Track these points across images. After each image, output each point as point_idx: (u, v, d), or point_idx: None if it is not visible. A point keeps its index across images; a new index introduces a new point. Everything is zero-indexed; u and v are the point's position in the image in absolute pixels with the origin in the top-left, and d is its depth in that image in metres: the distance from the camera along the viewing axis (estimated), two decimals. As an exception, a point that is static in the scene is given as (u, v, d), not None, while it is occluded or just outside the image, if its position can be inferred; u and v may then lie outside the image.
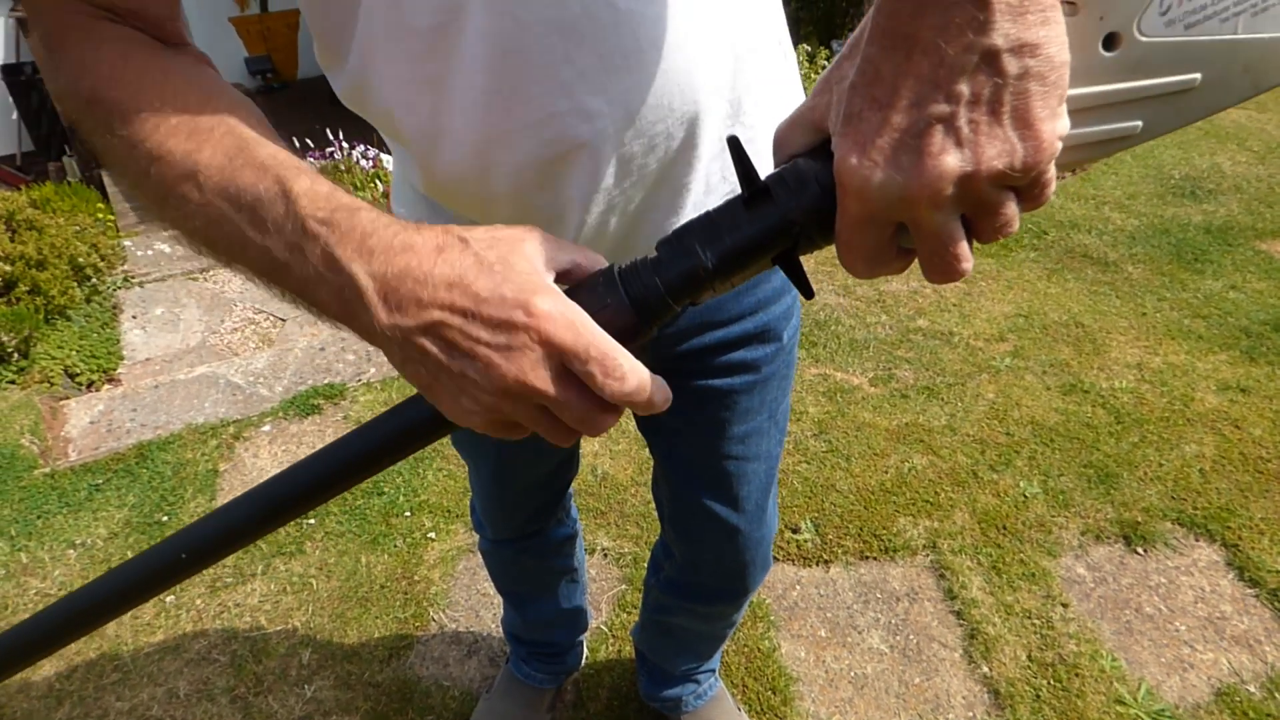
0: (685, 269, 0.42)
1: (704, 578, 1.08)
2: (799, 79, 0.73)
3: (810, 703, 1.49)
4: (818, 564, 1.77)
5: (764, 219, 0.41)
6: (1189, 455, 1.99)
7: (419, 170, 0.64)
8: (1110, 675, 1.50)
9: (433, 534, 1.89)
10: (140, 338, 2.90)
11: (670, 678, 1.35)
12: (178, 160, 0.46)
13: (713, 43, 0.59)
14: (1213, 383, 2.24)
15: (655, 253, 0.43)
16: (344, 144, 3.81)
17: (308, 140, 4.06)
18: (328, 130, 3.98)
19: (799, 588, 1.72)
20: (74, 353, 2.69)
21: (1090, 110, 0.37)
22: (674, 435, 0.92)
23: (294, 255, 0.43)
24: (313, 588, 1.76)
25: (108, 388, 2.60)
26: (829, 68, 0.39)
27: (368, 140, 3.84)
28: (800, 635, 1.62)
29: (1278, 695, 1.45)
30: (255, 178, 0.44)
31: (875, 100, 0.35)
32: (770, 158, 0.44)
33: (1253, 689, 1.46)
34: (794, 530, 1.84)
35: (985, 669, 1.53)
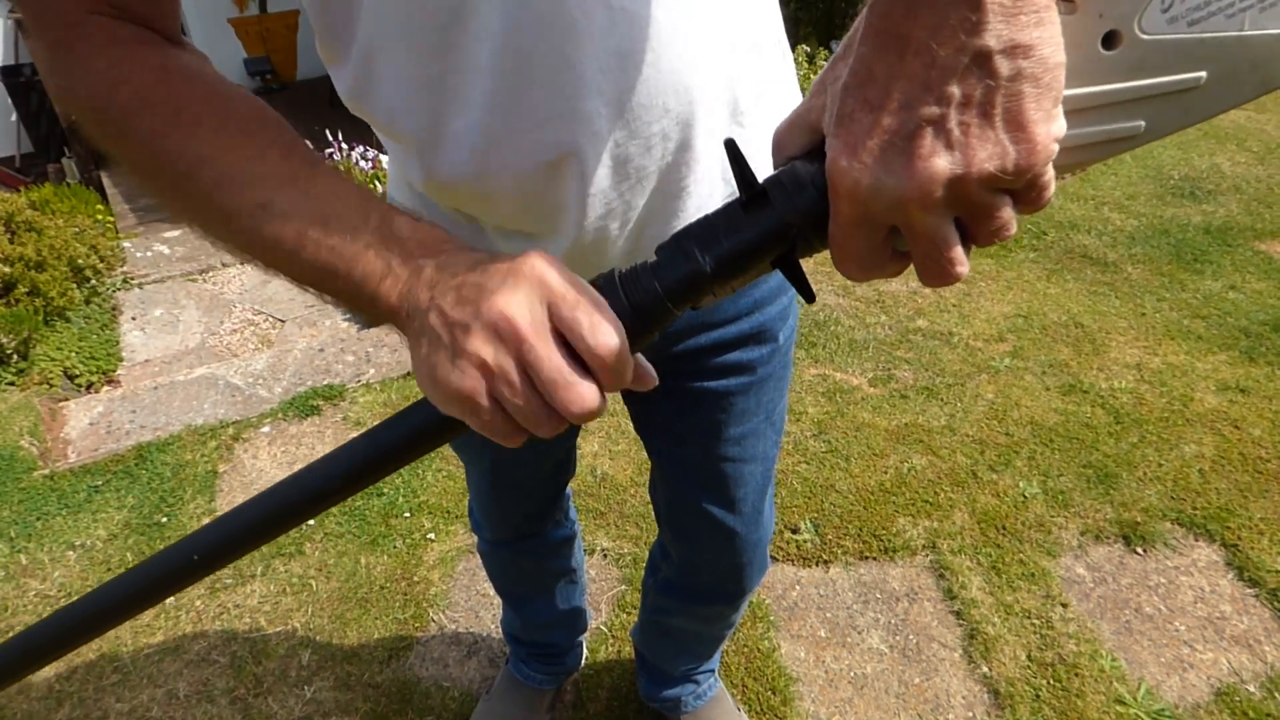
0: (684, 273, 0.42)
1: (701, 579, 1.08)
2: (796, 79, 0.73)
3: (810, 703, 1.49)
4: (817, 564, 1.77)
5: (761, 222, 0.41)
6: (1188, 455, 1.99)
7: (418, 169, 0.64)
8: (1110, 675, 1.50)
9: (432, 535, 1.89)
10: (139, 339, 2.90)
11: (670, 678, 1.35)
12: (200, 154, 0.48)
13: (710, 43, 0.59)
14: (1212, 383, 2.24)
15: (654, 257, 0.43)
16: (343, 145, 3.81)
17: (307, 142, 4.05)
18: (327, 131, 3.97)
19: (799, 588, 1.72)
20: (73, 354, 2.69)
21: (1090, 111, 0.36)
22: (670, 436, 0.92)
23: (360, 211, 0.47)
24: (312, 589, 1.76)
25: (107, 389, 2.60)
26: (824, 69, 0.39)
27: (367, 141, 3.84)
28: (800, 635, 1.62)
29: (1277, 695, 1.45)
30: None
31: (867, 101, 0.35)
32: (770, 160, 0.44)
33: (1252, 689, 1.46)
34: (793, 530, 1.84)
35: (985, 669, 1.53)
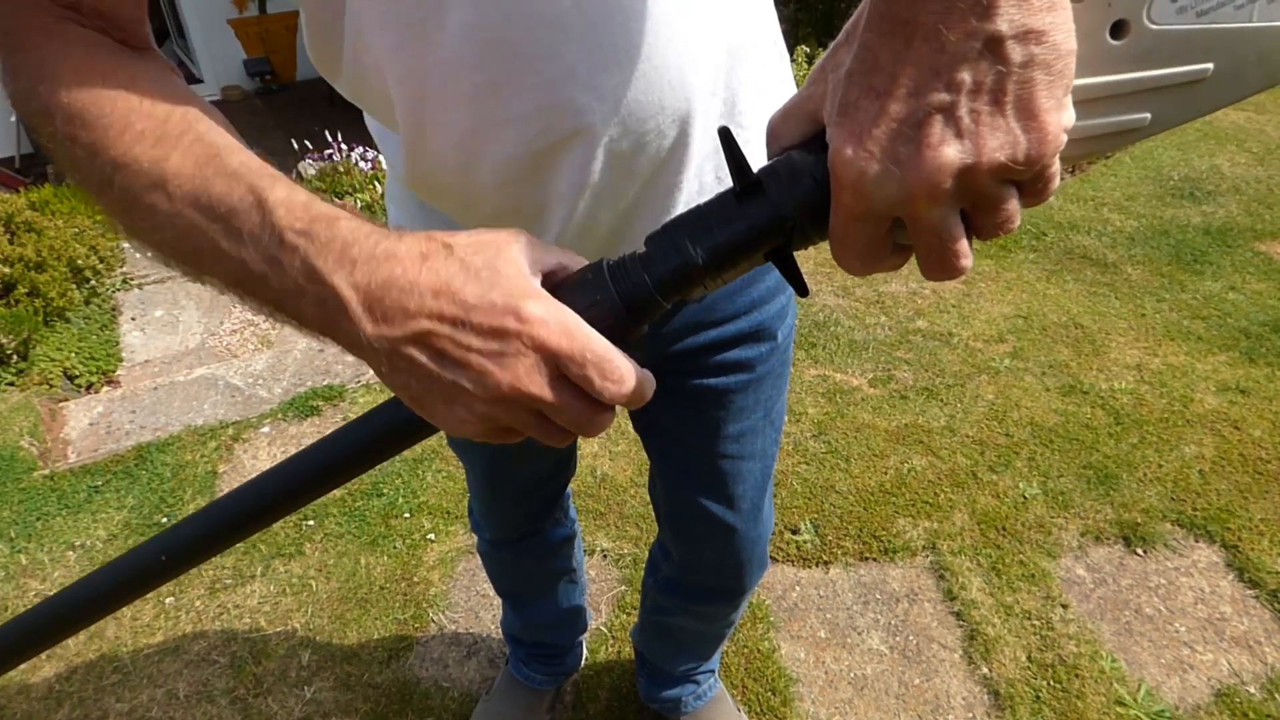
0: (675, 265, 0.41)
1: (701, 577, 1.08)
2: (792, 79, 0.73)
3: (810, 704, 1.49)
4: (817, 565, 1.76)
5: (756, 213, 0.39)
6: (1188, 456, 1.99)
7: (405, 161, 0.63)
8: (1110, 676, 1.50)
9: (432, 535, 1.89)
10: (139, 339, 2.90)
11: (670, 678, 1.35)
12: (144, 168, 0.43)
13: (706, 40, 0.59)
14: (1212, 384, 2.24)
15: (644, 248, 0.42)
16: (342, 145, 3.81)
17: (306, 142, 4.06)
18: (326, 132, 3.98)
19: (798, 589, 1.72)
20: (73, 355, 2.68)
21: (1097, 101, 0.35)
22: (669, 435, 0.92)
23: (272, 267, 0.41)
24: (312, 589, 1.76)
25: (107, 389, 2.60)
26: (824, 55, 0.38)
27: (366, 142, 3.84)
28: (800, 636, 1.62)
29: (1277, 696, 1.45)
30: (227, 187, 0.42)
31: (872, 89, 0.34)
32: (765, 157, 0.43)
33: (1252, 690, 1.46)
34: (793, 531, 1.84)
35: (985, 670, 1.53)
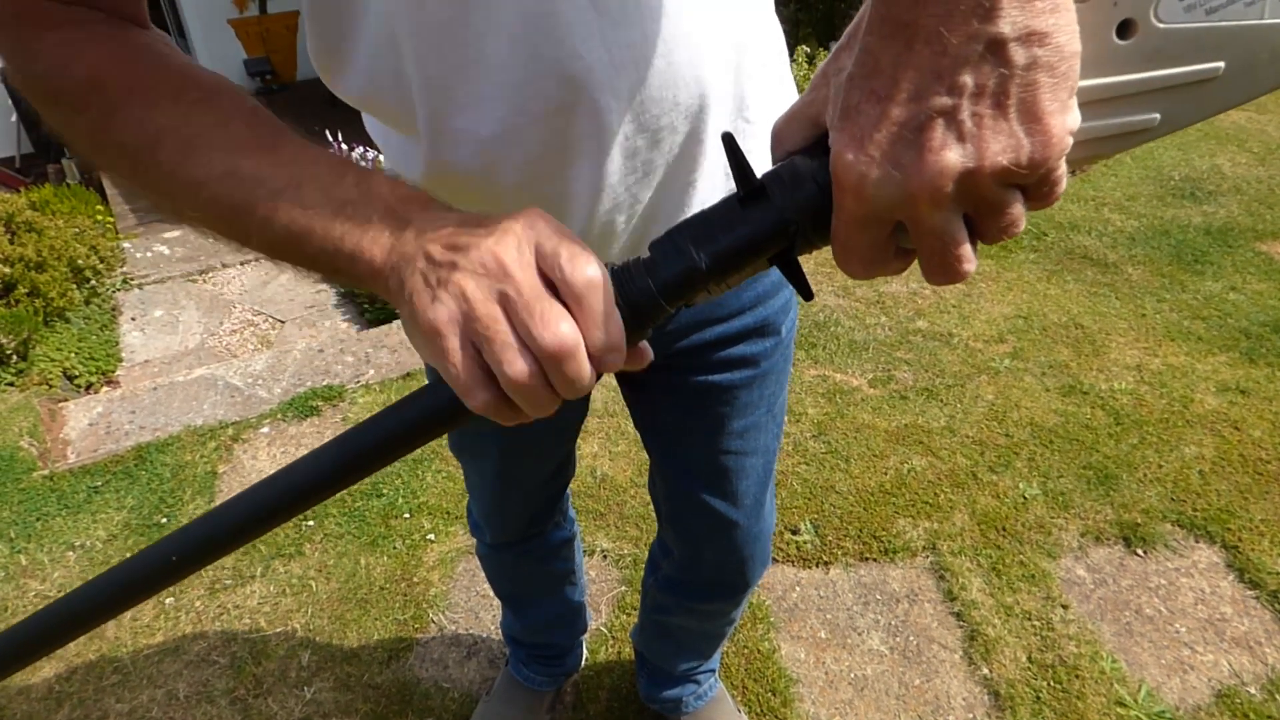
0: (678, 270, 0.41)
1: (703, 574, 1.08)
2: (792, 77, 0.74)
3: (810, 704, 1.49)
4: (817, 565, 1.76)
5: (760, 219, 0.39)
6: (1189, 457, 1.99)
7: (424, 163, 0.63)
8: (1110, 677, 1.50)
9: (432, 536, 1.88)
10: (139, 340, 2.90)
11: (670, 679, 1.35)
12: (205, 130, 0.46)
13: (716, 38, 0.59)
14: (1212, 384, 2.24)
15: (648, 253, 0.42)
16: (343, 145, 3.81)
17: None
18: (326, 132, 3.97)
19: (799, 589, 1.72)
20: (73, 355, 2.69)
21: (1104, 102, 0.35)
22: (672, 432, 0.92)
23: (339, 186, 0.45)
24: (312, 589, 1.76)
25: (106, 390, 2.60)
26: (826, 59, 0.38)
27: (366, 142, 3.83)
28: (800, 637, 1.62)
29: (1278, 697, 1.45)
30: (282, 142, 0.47)
31: (873, 93, 0.34)
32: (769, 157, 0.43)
33: (1253, 691, 1.46)
34: (793, 532, 1.84)
35: (985, 670, 1.53)
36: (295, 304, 3.23)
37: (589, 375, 0.40)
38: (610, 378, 1.25)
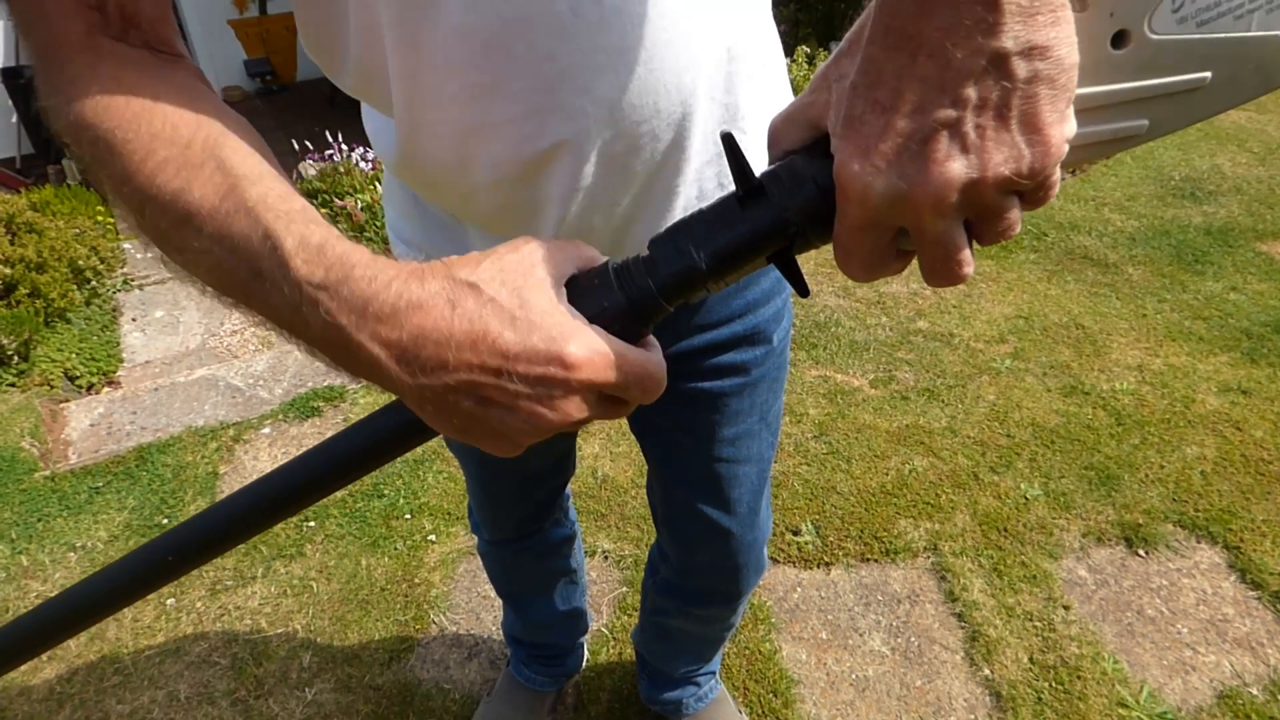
0: (678, 269, 0.41)
1: (698, 580, 1.08)
2: (788, 79, 0.73)
3: (811, 705, 1.49)
4: (818, 566, 1.76)
5: (759, 218, 0.40)
6: (1190, 457, 1.98)
7: (401, 160, 0.64)
8: (1112, 678, 1.50)
9: (433, 536, 1.88)
10: (140, 340, 2.90)
11: (670, 680, 1.35)
12: (169, 201, 0.43)
13: (706, 45, 0.59)
14: (1214, 384, 2.24)
15: (648, 251, 0.43)
16: (343, 146, 3.81)
17: (307, 143, 4.06)
18: (327, 132, 3.98)
19: (800, 590, 1.72)
20: (74, 355, 2.68)
21: (1097, 110, 0.36)
22: (666, 437, 0.92)
23: (298, 316, 0.41)
24: (313, 590, 1.76)
25: (107, 390, 2.60)
26: (827, 63, 0.38)
27: (366, 142, 3.83)
28: (801, 638, 1.62)
29: None
30: (247, 226, 0.42)
31: (878, 103, 0.34)
32: (764, 159, 0.43)
33: (1255, 691, 1.46)
34: (795, 532, 1.84)
35: (987, 671, 1.52)
36: (296, 304, 3.23)
37: (631, 408, 0.43)
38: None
